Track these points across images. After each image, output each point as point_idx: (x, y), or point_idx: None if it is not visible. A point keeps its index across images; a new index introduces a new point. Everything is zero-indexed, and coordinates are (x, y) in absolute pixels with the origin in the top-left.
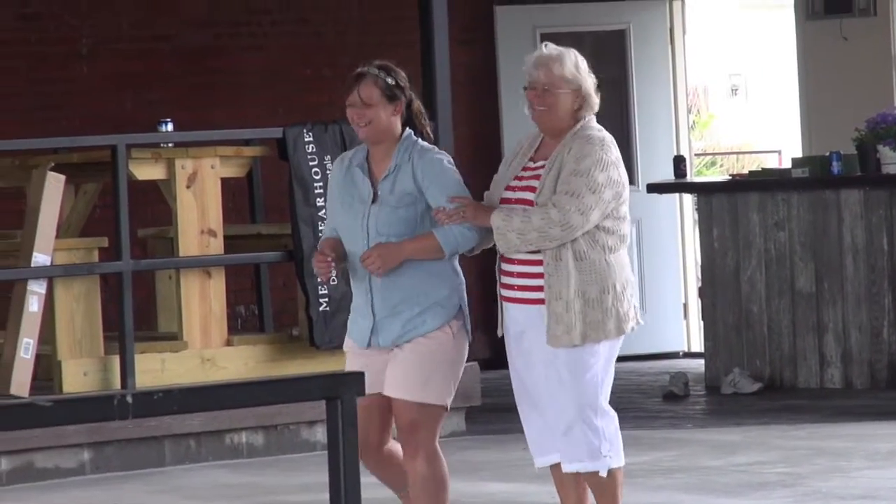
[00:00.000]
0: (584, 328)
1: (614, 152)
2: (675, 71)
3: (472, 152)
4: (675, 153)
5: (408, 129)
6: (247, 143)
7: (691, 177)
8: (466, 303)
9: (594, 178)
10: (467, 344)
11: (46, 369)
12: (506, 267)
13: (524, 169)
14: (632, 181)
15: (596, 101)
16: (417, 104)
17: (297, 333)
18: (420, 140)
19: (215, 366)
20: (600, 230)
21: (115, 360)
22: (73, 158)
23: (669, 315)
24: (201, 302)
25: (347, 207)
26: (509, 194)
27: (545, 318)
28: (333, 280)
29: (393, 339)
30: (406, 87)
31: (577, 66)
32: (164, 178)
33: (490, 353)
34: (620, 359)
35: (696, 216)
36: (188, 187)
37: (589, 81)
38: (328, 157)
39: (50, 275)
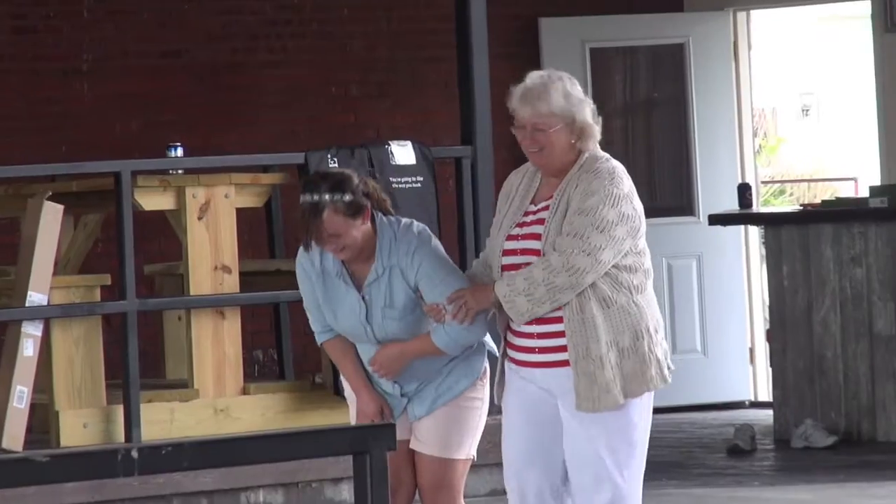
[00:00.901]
0: (624, 383)
1: (626, 184)
2: (740, 90)
3: None
4: (740, 181)
5: (378, 218)
6: (265, 169)
7: (758, 207)
8: (490, 344)
9: (602, 216)
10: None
11: (42, 420)
12: (519, 328)
13: (525, 213)
14: (692, 212)
15: (596, 129)
16: (372, 185)
17: (320, 381)
18: (392, 224)
19: (230, 416)
20: (622, 270)
21: (119, 411)
22: (73, 187)
23: (734, 361)
24: (214, 346)
25: (337, 315)
26: (512, 244)
27: (574, 381)
28: None
29: (428, 406)
30: (361, 188)
31: (565, 95)
32: (174, 209)
33: None
34: (681, 409)
35: (764, 251)
36: (200, 218)
37: (584, 110)
38: None
39: (47, 316)
